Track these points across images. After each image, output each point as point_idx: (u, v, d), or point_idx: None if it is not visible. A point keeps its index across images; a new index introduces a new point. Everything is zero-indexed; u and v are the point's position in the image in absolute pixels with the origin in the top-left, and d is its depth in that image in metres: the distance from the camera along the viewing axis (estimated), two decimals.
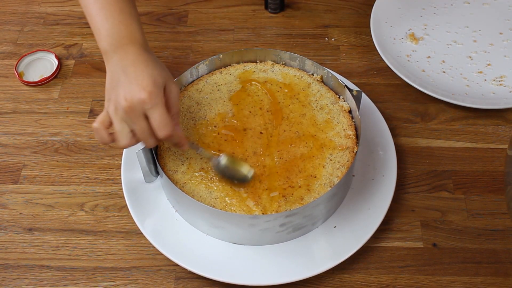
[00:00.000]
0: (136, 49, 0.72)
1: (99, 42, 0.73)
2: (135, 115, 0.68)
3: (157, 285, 0.78)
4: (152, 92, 0.67)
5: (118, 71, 0.70)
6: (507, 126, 0.94)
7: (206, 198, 0.75)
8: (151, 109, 0.68)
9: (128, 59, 0.70)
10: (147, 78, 0.68)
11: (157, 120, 0.69)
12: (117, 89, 0.69)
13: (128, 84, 0.68)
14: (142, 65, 0.70)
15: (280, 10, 1.11)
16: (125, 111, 0.68)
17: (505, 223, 0.83)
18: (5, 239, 0.82)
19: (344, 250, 0.77)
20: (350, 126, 0.82)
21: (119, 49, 0.71)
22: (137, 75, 0.69)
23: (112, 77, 0.70)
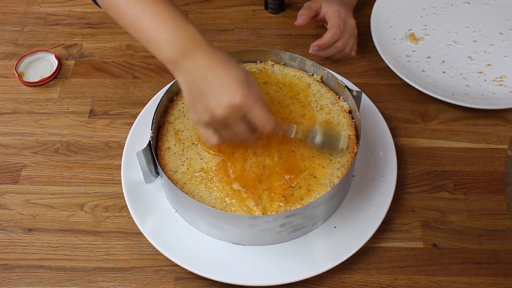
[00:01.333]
0: (204, 51, 0.69)
1: (161, 54, 0.70)
2: (234, 121, 0.68)
3: (157, 285, 0.78)
4: (244, 95, 0.66)
5: (196, 80, 0.68)
6: (507, 126, 0.94)
7: (206, 199, 0.75)
8: (249, 110, 0.67)
9: (201, 64, 0.68)
10: (233, 80, 0.67)
11: (260, 118, 0.68)
12: (204, 100, 0.67)
13: (215, 93, 0.67)
14: (219, 67, 0.68)
15: (280, 10, 1.11)
16: (224, 120, 0.67)
17: (505, 223, 0.83)
18: (5, 239, 0.82)
19: (344, 250, 0.77)
20: (350, 126, 0.82)
21: (187, 56, 0.68)
22: (220, 80, 0.67)
23: (191, 87, 0.69)
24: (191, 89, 0.69)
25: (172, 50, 0.69)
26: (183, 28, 0.70)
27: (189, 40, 0.69)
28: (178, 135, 0.81)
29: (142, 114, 0.91)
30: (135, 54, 1.04)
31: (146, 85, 1.00)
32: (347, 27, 0.94)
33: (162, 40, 0.69)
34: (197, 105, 0.69)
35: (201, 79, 0.67)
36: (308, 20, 0.95)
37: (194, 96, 0.69)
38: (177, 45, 0.69)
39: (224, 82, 0.67)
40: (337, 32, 0.92)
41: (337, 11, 0.93)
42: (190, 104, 0.70)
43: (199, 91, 0.68)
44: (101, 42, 1.07)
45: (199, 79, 0.68)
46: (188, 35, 0.69)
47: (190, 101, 0.70)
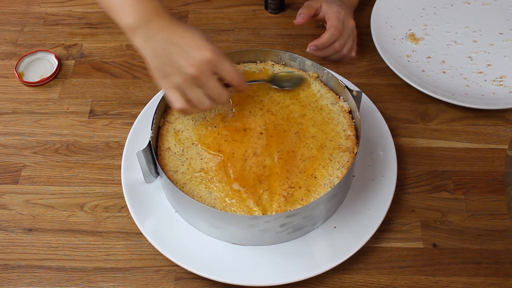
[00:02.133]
0: (166, 18, 0.72)
1: (122, 19, 0.73)
2: (206, 76, 0.70)
3: (157, 286, 0.78)
4: (214, 49, 0.70)
5: (163, 44, 0.70)
6: (507, 126, 0.94)
7: (206, 199, 0.75)
8: (219, 64, 0.70)
9: (166, 29, 0.71)
10: (201, 39, 0.70)
11: (229, 70, 0.72)
12: (174, 61, 0.70)
13: (185, 52, 0.69)
14: (185, 31, 0.71)
15: (280, 10, 1.11)
16: (195, 77, 0.69)
17: (505, 223, 0.83)
18: (5, 239, 0.82)
19: (344, 250, 0.77)
20: (350, 127, 0.82)
21: (151, 23, 0.71)
22: (188, 40, 0.70)
23: (157, 52, 0.71)
24: (157, 53, 0.71)
25: (135, 16, 0.72)
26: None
27: (152, 8, 0.72)
28: (178, 135, 0.81)
29: (142, 114, 0.91)
30: (135, 54, 1.04)
31: (146, 85, 1.00)
32: (346, 28, 0.94)
33: (127, 6, 0.72)
34: (166, 68, 0.71)
35: (168, 42, 0.70)
36: (307, 19, 0.95)
37: (161, 60, 0.71)
38: (141, 12, 0.72)
39: (192, 41, 0.70)
40: (335, 33, 0.92)
41: (337, 12, 0.93)
42: (157, 69, 0.72)
43: (166, 54, 0.70)
44: (101, 42, 1.07)
45: (166, 42, 0.70)
46: (151, 4, 0.72)
47: (157, 66, 0.72)
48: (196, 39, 0.70)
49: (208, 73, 0.71)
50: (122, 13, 0.73)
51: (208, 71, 0.70)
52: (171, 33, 0.71)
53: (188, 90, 0.72)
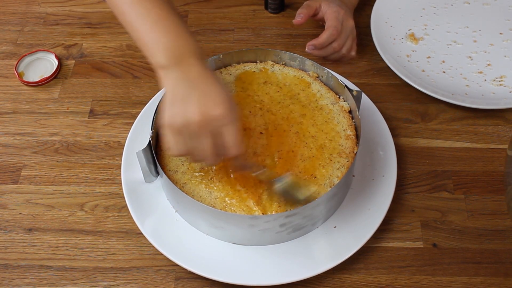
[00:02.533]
0: (198, 64, 0.69)
1: (154, 57, 0.70)
2: (206, 131, 0.66)
3: (157, 285, 0.78)
4: (229, 108, 0.66)
5: (185, 86, 0.67)
6: (507, 126, 0.94)
7: (206, 198, 0.75)
8: (227, 125, 0.66)
9: (193, 74, 0.68)
10: (222, 94, 0.67)
11: (232, 137, 0.67)
12: (187, 104, 0.66)
13: (202, 99, 0.66)
14: (211, 81, 0.68)
15: (280, 10, 1.11)
16: (199, 126, 0.66)
17: (505, 223, 0.83)
18: (5, 239, 0.82)
19: (344, 250, 0.77)
20: (350, 126, 0.82)
21: (182, 64, 0.68)
22: (210, 90, 0.67)
23: (175, 92, 0.68)
24: (174, 92, 0.68)
25: (168, 55, 0.69)
26: (184, 38, 0.70)
27: (188, 50, 0.69)
28: None
29: (142, 114, 0.91)
30: (135, 54, 1.04)
31: (146, 85, 1.00)
32: (345, 28, 0.94)
33: (162, 44, 0.69)
34: (174, 108, 0.67)
35: (190, 86, 0.67)
36: (306, 19, 0.95)
37: (175, 99, 0.68)
38: (174, 52, 0.69)
39: (213, 93, 0.67)
40: (334, 33, 0.92)
41: (336, 12, 0.93)
42: (168, 105, 0.68)
43: (182, 96, 0.67)
44: (101, 42, 1.07)
45: (188, 85, 0.67)
46: (187, 45, 0.69)
47: (169, 102, 0.68)
48: (218, 92, 0.67)
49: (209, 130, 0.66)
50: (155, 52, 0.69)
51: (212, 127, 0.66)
52: (198, 77, 0.68)
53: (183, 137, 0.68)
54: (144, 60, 1.03)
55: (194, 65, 0.69)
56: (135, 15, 0.71)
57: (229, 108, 0.67)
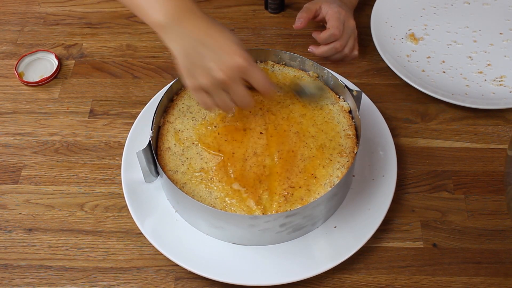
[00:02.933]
0: (199, 16, 0.70)
1: (151, 16, 0.70)
2: (234, 82, 0.69)
3: (157, 285, 0.78)
4: (245, 56, 0.69)
5: (195, 44, 0.69)
6: (507, 126, 0.94)
7: (206, 198, 0.75)
8: (250, 71, 0.69)
9: (199, 29, 0.69)
10: (233, 44, 0.69)
11: (259, 77, 0.71)
12: (204, 63, 0.68)
13: (216, 55, 0.68)
14: (219, 33, 0.69)
15: (280, 10, 1.11)
16: (223, 82, 0.69)
17: (505, 223, 0.83)
18: (5, 239, 0.82)
19: (344, 250, 0.77)
20: (350, 126, 0.82)
21: (183, 21, 0.69)
22: (221, 44, 0.68)
23: (188, 52, 0.69)
24: (187, 54, 0.69)
25: (165, 13, 0.69)
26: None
27: (184, 5, 0.70)
28: (178, 135, 0.81)
29: (142, 114, 0.91)
30: (135, 54, 1.04)
31: (146, 85, 1.00)
32: (347, 28, 0.94)
33: (157, 3, 0.69)
34: (196, 69, 0.69)
35: (200, 43, 0.68)
36: (306, 22, 0.95)
37: (192, 61, 0.69)
38: (171, 8, 0.69)
39: (224, 45, 0.68)
40: (336, 33, 0.92)
41: (337, 12, 0.93)
42: (186, 69, 0.70)
43: (198, 56, 0.69)
44: (101, 42, 1.07)
45: (198, 43, 0.68)
46: (185, 2, 0.70)
47: (186, 65, 0.70)
48: (229, 43, 0.69)
49: (237, 79, 0.69)
50: (151, 9, 0.70)
51: (237, 77, 0.69)
52: (204, 33, 0.69)
53: (214, 93, 0.71)
54: (144, 60, 1.03)
55: (196, 19, 0.70)
56: None
57: (246, 55, 0.69)
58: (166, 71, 1.01)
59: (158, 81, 1.00)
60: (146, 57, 1.04)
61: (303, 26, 0.94)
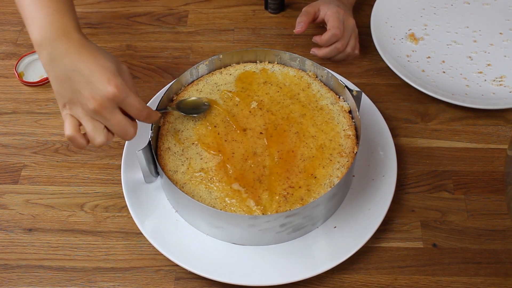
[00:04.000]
0: (75, 40, 0.67)
1: (31, 33, 0.68)
2: (109, 111, 0.66)
3: (157, 285, 0.78)
4: (118, 84, 0.65)
5: (66, 70, 0.66)
6: (507, 126, 0.94)
7: (206, 199, 0.75)
8: (124, 100, 0.66)
9: (71, 53, 0.66)
10: (105, 71, 0.66)
11: (134, 107, 0.68)
12: (77, 91, 0.66)
13: (88, 83, 0.65)
14: (91, 58, 0.66)
15: (280, 10, 1.11)
16: (96, 111, 0.66)
17: (505, 223, 0.83)
18: (5, 239, 0.82)
19: (344, 250, 0.77)
20: (350, 126, 0.82)
21: (56, 43, 0.67)
22: (92, 70, 0.65)
23: (59, 76, 0.67)
24: (59, 78, 0.67)
25: (43, 32, 0.67)
26: (61, 13, 0.69)
27: (62, 26, 0.68)
28: (178, 135, 0.81)
29: None
30: (135, 54, 1.04)
31: (145, 85, 1.00)
32: (347, 27, 0.94)
33: (37, 20, 0.68)
34: (67, 95, 0.67)
35: (71, 69, 0.66)
36: (306, 26, 0.94)
37: (63, 86, 0.67)
38: (49, 28, 0.68)
39: (96, 72, 0.65)
40: (337, 34, 0.92)
41: (336, 12, 0.93)
42: (59, 94, 0.68)
43: (69, 81, 0.66)
44: (101, 42, 1.06)
45: (69, 68, 0.66)
46: (63, 22, 0.68)
47: (58, 91, 0.68)
48: (102, 70, 0.65)
49: (111, 109, 0.66)
50: (31, 26, 0.68)
51: (111, 107, 0.66)
52: (77, 58, 0.66)
53: (85, 122, 0.68)
54: (144, 60, 1.03)
55: (70, 43, 0.67)
56: None
57: (120, 82, 0.66)
58: (166, 71, 1.01)
59: (158, 81, 1.00)
60: (146, 57, 1.04)
61: (304, 30, 0.94)
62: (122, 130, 0.68)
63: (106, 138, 0.69)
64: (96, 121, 0.68)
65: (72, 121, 0.68)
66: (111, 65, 0.67)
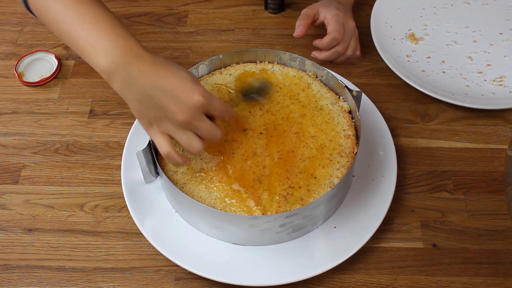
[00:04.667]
0: (146, 59, 0.67)
1: (98, 63, 0.67)
2: (198, 120, 0.67)
3: (157, 286, 0.78)
4: (201, 91, 0.66)
5: (146, 90, 0.66)
6: (507, 126, 0.94)
7: (206, 199, 0.75)
8: (210, 105, 0.67)
9: (147, 72, 0.66)
10: (188, 81, 0.66)
11: (219, 109, 0.69)
12: (162, 107, 0.65)
13: (174, 97, 0.65)
14: (169, 72, 0.66)
15: (280, 10, 1.11)
16: (187, 123, 0.66)
17: (505, 224, 0.83)
18: (5, 239, 0.83)
19: (344, 250, 0.77)
20: (350, 127, 0.82)
21: (129, 67, 0.66)
22: (175, 84, 0.65)
23: (140, 98, 0.66)
24: (140, 99, 0.67)
25: (111, 59, 0.66)
26: (123, 37, 0.68)
27: (130, 49, 0.67)
28: None
29: None
30: None
31: None
32: (347, 29, 0.94)
33: (101, 48, 0.67)
34: (152, 113, 0.67)
35: (152, 87, 0.65)
36: (306, 29, 0.94)
37: (146, 106, 0.67)
38: (117, 54, 0.66)
39: (179, 84, 0.65)
40: (337, 37, 0.92)
41: (336, 15, 0.93)
42: (142, 115, 0.68)
43: (151, 100, 0.66)
44: None
45: (149, 87, 0.65)
46: (128, 44, 0.67)
47: (141, 112, 0.68)
48: (183, 81, 0.66)
49: (200, 116, 0.67)
50: (96, 56, 0.67)
51: (199, 115, 0.67)
52: (154, 76, 0.66)
53: (178, 134, 0.68)
54: None
55: (142, 62, 0.66)
56: (70, 22, 0.68)
57: (201, 90, 0.66)
58: None
59: None
60: None
61: (303, 33, 0.94)
62: (212, 134, 0.69)
63: (202, 144, 0.69)
64: (188, 131, 0.68)
65: (164, 138, 0.69)
66: (187, 74, 0.67)
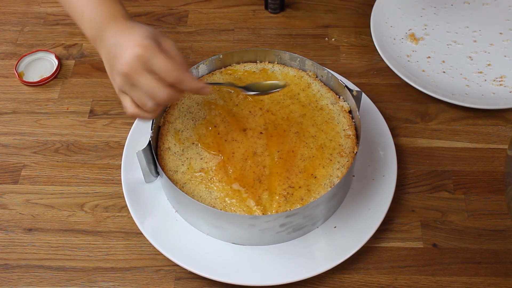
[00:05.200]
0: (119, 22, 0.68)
1: (85, 30, 0.71)
2: (138, 74, 0.64)
3: (157, 285, 0.78)
4: (145, 45, 0.64)
5: (109, 47, 0.67)
6: (507, 126, 0.94)
7: (206, 198, 0.75)
8: (151, 60, 0.64)
9: (115, 33, 0.67)
10: (136, 35, 0.65)
11: (162, 66, 0.64)
12: (114, 62, 0.66)
13: (120, 51, 0.65)
14: (130, 31, 0.66)
15: (280, 10, 1.11)
16: (128, 76, 0.64)
17: (505, 223, 0.83)
18: (5, 239, 0.82)
19: (344, 250, 0.77)
20: (350, 126, 0.82)
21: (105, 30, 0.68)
22: (127, 39, 0.65)
23: (107, 57, 0.68)
24: (107, 59, 0.68)
25: (94, 26, 0.69)
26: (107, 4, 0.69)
27: (109, 14, 0.69)
28: (178, 135, 0.82)
29: None
30: None
31: None
32: None
33: (86, 16, 0.69)
34: (112, 72, 0.67)
35: (112, 45, 0.66)
36: None
37: (109, 64, 0.67)
38: (98, 20, 0.69)
39: (128, 39, 0.65)
40: None
41: None
42: (109, 75, 0.69)
43: (110, 57, 0.67)
44: None
45: (111, 46, 0.66)
46: (108, 9, 0.69)
47: (108, 71, 0.69)
48: (134, 37, 0.65)
49: (140, 71, 0.64)
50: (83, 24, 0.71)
51: (139, 68, 0.64)
52: (119, 36, 0.66)
53: (128, 91, 0.66)
54: None
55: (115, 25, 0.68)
56: None
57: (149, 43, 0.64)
58: None
59: None
60: None
61: None
62: (152, 91, 0.65)
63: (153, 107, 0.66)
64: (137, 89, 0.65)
65: (126, 98, 0.68)
66: (144, 31, 0.66)
